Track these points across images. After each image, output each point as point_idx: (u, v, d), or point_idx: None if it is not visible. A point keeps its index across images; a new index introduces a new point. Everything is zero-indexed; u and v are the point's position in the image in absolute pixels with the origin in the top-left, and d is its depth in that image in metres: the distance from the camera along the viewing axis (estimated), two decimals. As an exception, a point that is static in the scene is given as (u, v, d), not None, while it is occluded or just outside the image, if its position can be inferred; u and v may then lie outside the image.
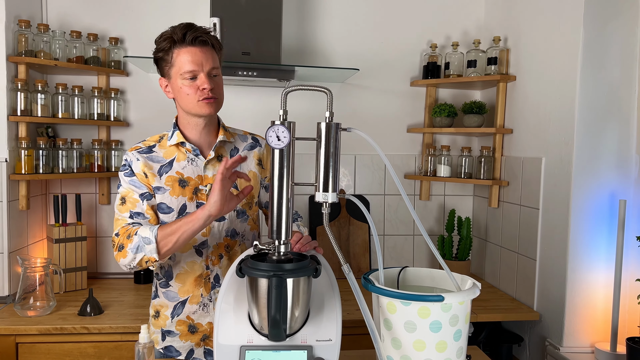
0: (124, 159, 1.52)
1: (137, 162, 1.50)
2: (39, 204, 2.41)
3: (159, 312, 1.57)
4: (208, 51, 1.43)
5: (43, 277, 2.03)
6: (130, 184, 1.49)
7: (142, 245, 1.37)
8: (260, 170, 1.61)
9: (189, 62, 1.41)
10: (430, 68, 2.62)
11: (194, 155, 1.52)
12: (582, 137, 1.95)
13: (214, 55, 1.45)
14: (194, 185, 1.51)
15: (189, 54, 1.41)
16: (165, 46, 1.43)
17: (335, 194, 1.15)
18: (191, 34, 1.40)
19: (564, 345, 2.00)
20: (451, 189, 2.82)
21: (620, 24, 1.94)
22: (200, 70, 1.42)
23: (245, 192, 1.41)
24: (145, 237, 1.37)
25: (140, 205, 1.47)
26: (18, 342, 1.90)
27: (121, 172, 1.51)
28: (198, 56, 1.41)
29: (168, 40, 1.42)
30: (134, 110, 2.56)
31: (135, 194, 1.48)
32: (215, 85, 1.45)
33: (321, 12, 2.66)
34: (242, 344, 1.22)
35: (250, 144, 1.62)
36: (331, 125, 1.14)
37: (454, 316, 1.11)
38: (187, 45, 1.41)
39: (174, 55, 1.43)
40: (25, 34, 2.17)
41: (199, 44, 1.42)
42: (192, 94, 1.44)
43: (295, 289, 1.15)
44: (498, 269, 2.52)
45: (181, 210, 1.49)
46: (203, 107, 1.45)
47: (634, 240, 1.90)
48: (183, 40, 1.41)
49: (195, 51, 1.41)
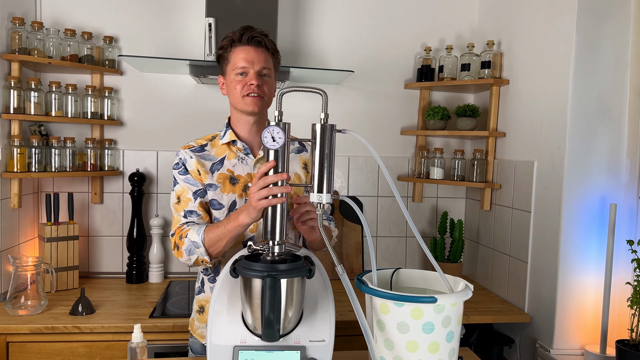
0: (178, 157, 1.58)
1: (190, 159, 1.55)
2: (30, 203, 2.40)
3: (203, 307, 1.61)
4: (262, 52, 1.51)
5: (34, 276, 2.02)
6: (185, 182, 1.54)
7: (193, 248, 1.44)
8: (305, 174, 1.67)
9: (241, 59, 1.49)
10: (425, 71, 2.64)
11: (244, 154, 1.57)
12: (573, 141, 1.97)
13: (267, 57, 1.53)
14: (243, 183, 1.55)
15: (243, 52, 1.50)
16: (225, 44, 1.52)
17: (330, 195, 1.16)
18: (248, 33, 1.50)
19: (554, 347, 2.01)
20: (444, 191, 2.84)
21: (612, 29, 1.96)
22: (250, 67, 1.49)
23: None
24: (194, 241, 1.43)
25: (192, 204, 1.52)
26: (9, 342, 1.89)
27: (175, 171, 1.56)
28: (251, 54, 1.49)
29: (228, 39, 1.52)
30: (128, 109, 2.55)
31: (190, 192, 1.53)
32: (263, 83, 1.51)
33: (316, 13, 2.66)
34: (235, 344, 1.22)
35: (297, 148, 1.68)
36: (326, 126, 1.15)
37: (446, 317, 1.12)
38: (243, 44, 1.50)
39: (231, 53, 1.51)
40: (19, 32, 2.16)
41: (254, 43, 1.50)
42: (240, 89, 1.50)
43: (289, 290, 1.15)
44: (489, 271, 2.54)
45: (231, 206, 1.54)
46: (248, 103, 1.51)
47: (624, 243, 1.92)
48: (240, 40, 1.50)
49: (249, 49, 1.50)
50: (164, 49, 2.53)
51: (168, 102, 2.58)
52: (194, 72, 2.29)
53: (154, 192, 2.59)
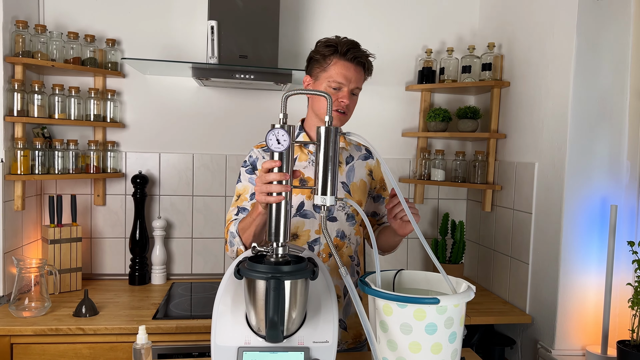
0: (248, 155, 1.61)
1: (262, 159, 1.59)
2: (34, 205, 2.41)
3: None
4: (360, 72, 1.55)
5: (38, 277, 2.03)
6: (248, 181, 1.58)
7: (232, 239, 1.49)
8: (371, 180, 1.70)
9: (341, 75, 1.52)
10: (426, 73, 2.65)
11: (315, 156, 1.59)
12: (574, 143, 1.98)
13: (362, 77, 1.57)
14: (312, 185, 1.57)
15: (344, 68, 1.52)
16: (327, 52, 1.53)
17: (333, 197, 1.17)
18: (353, 52, 1.52)
19: (555, 348, 2.02)
20: (445, 193, 2.85)
21: (613, 31, 1.97)
22: (346, 85, 1.53)
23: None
24: (232, 232, 1.49)
25: (247, 203, 1.56)
26: (13, 343, 1.90)
27: (242, 168, 1.60)
28: (351, 73, 1.52)
29: (332, 48, 1.53)
30: (130, 111, 2.56)
31: (249, 192, 1.57)
32: (351, 102, 1.56)
33: (318, 16, 2.68)
34: (239, 345, 1.23)
35: (364, 155, 1.72)
36: (330, 129, 1.16)
37: (449, 318, 1.13)
38: (347, 60, 1.52)
39: (331, 63, 1.53)
40: (23, 35, 2.17)
41: (356, 63, 1.53)
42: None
43: (292, 291, 1.16)
44: (491, 273, 2.55)
45: (299, 207, 1.57)
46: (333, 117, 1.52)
47: (625, 244, 1.93)
48: (345, 55, 1.52)
49: (350, 67, 1.52)
50: (166, 52, 2.54)
51: (170, 105, 2.59)
52: (196, 74, 2.30)
53: (156, 194, 2.60)
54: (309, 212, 1.57)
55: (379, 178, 1.75)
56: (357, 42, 1.55)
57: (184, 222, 2.63)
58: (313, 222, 1.58)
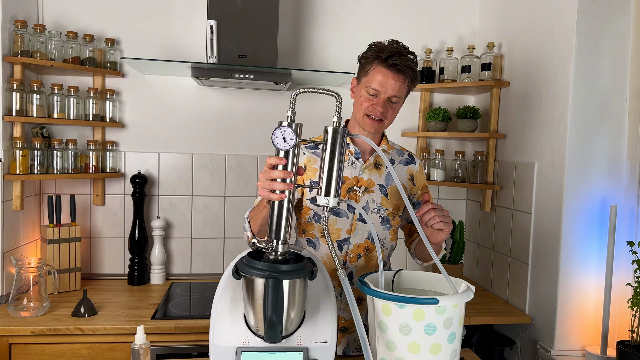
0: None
1: (302, 155, 1.60)
2: (32, 205, 2.41)
3: None
4: (399, 79, 1.49)
5: (37, 277, 2.02)
6: None
7: (244, 224, 1.50)
8: (411, 186, 1.68)
9: (377, 81, 1.49)
10: (425, 73, 2.65)
11: (355, 157, 1.60)
12: (574, 143, 1.98)
13: (402, 86, 1.50)
14: (349, 185, 1.58)
15: (381, 75, 1.49)
16: (370, 56, 1.51)
17: (336, 199, 1.16)
18: (393, 59, 1.47)
19: (555, 349, 2.02)
20: (445, 193, 2.85)
21: (613, 32, 1.97)
22: (382, 92, 1.50)
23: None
24: (245, 217, 1.50)
25: None
26: (11, 343, 1.89)
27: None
28: (388, 81, 1.48)
29: (374, 52, 1.50)
30: (130, 111, 2.56)
31: None
32: (389, 109, 1.52)
33: (317, 16, 2.67)
34: (238, 346, 1.22)
35: (405, 159, 1.70)
36: (338, 130, 1.15)
37: (448, 319, 1.13)
38: (385, 67, 1.48)
39: (371, 68, 1.51)
40: (21, 34, 2.16)
41: (395, 70, 1.48)
42: (365, 106, 1.52)
43: (291, 291, 1.15)
44: (490, 273, 2.54)
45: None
46: (366, 123, 1.54)
47: (625, 245, 1.93)
48: (385, 61, 1.48)
49: (387, 75, 1.48)
50: (165, 51, 2.54)
51: (170, 104, 2.59)
52: (195, 74, 2.30)
53: (155, 194, 2.60)
54: (342, 211, 1.57)
55: (420, 184, 1.71)
56: (402, 49, 1.50)
57: (183, 222, 2.63)
58: (345, 222, 1.58)
